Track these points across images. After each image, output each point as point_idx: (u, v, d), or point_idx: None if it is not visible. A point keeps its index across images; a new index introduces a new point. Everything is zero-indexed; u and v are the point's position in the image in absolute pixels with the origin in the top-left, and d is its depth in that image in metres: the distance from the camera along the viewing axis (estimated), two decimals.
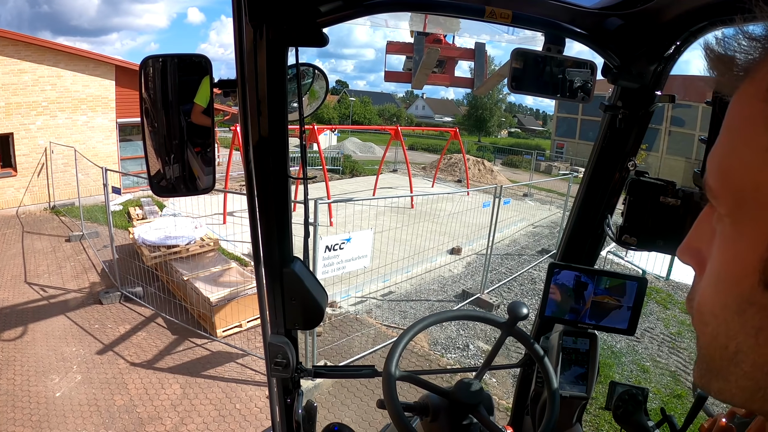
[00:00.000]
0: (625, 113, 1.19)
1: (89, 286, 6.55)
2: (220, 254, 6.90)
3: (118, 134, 11.70)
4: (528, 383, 1.56)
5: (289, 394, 1.30)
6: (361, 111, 45.97)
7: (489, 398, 1.25)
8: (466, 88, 11.91)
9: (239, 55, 0.89)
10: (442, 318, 1.33)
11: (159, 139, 0.95)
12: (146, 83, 0.93)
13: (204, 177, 1.00)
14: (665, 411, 1.22)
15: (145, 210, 9.73)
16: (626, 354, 5.54)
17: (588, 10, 1.04)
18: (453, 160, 19.28)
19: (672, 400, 4.70)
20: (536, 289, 7.35)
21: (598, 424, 4.14)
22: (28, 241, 8.48)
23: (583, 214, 1.40)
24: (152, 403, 4.14)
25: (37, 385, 4.31)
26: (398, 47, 9.71)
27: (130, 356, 4.86)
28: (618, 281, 1.33)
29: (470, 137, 39.15)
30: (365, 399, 4.29)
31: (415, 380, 1.21)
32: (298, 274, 1.13)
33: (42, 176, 10.62)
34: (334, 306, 6.14)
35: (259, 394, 4.35)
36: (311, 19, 0.89)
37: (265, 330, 1.24)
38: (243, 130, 0.98)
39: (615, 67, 1.10)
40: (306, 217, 1.34)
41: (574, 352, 1.38)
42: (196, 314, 5.56)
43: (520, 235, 10.75)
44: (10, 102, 9.75)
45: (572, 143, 26.78)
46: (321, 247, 4.44)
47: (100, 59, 11.00)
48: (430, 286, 7.36)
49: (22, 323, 5.40)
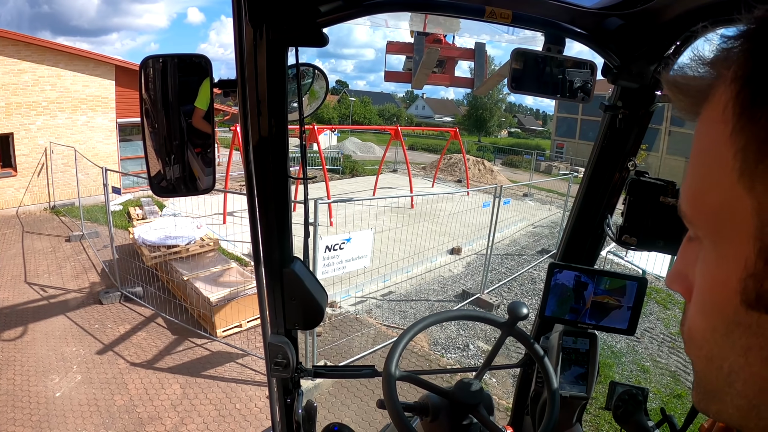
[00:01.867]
0: (625, 113, 1.19)
1: (89, 286, 6.55)
2: (220, 254, 6.90)
3: (118, 134, 11.71)
4: (528, 383, 1.56)
5: (289, 394, 1.30)
6: (361, 111, 45.97)
7: (489, 398, 1.25)
8: (466, 88, 11.91)
9: (239, 55, 0.89)
10: (442, 318, 1.33)
11: (159, 139, 0.95)
12: (146, 83, 0.93)
13: (204, 177, 1.00)
14: (665, 411, 1.22)
15: (145, 210, 9.72)
16: (626, 354, 5.54)
17: (588, 10, 1.04)
18: (453, 160, 19.29)
19: (672, 400, 4.70)
20: (536, 289, 7.35)
21: (598, 424, 4.14)
22: (28, 241, 8.48)
23: (583, 214, 1.40)
24: (152, 403, 4.14)
25: (37, 385, 4.31)
26: (398, 47, 9.70)
27: (130, 356, 4.86)
28: (618, 281, 1.33)
29: (470, 137, 39.17)
30: (365, 399, 4.29)
31: (415, 380, 1.21)
32: (298, 274, 1.13)
33: (42, 176, 10.63)
34: (334, 306, 6.14)
35: (259, 394, 4.35)
36: (311, 19, 0.89)
37: (265, 330, 1.24)
38: (243, 130, 0.98)
39: (615, 67, 1.10)
40: (306, 217, 1.34)
41: (574, 352, 1.38)
42: (196, 314, 5.56)
43: (520, 235, 10.75)
44: (10, 102, 9.75)
45: (572, 143, 26.80)
46: (321, 247, 4.44)
47: (100, 59, 11.01)
48: (430, 286, 7.36)
49: (22, 323, 5.40)
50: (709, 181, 0.32)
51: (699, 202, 0.34)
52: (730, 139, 0.29)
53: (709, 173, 0.32)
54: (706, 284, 0.34)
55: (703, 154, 0.33)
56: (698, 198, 0.34)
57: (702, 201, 0.33)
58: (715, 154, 0.31)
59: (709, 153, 0.32)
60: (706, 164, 0.33)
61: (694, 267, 0.36)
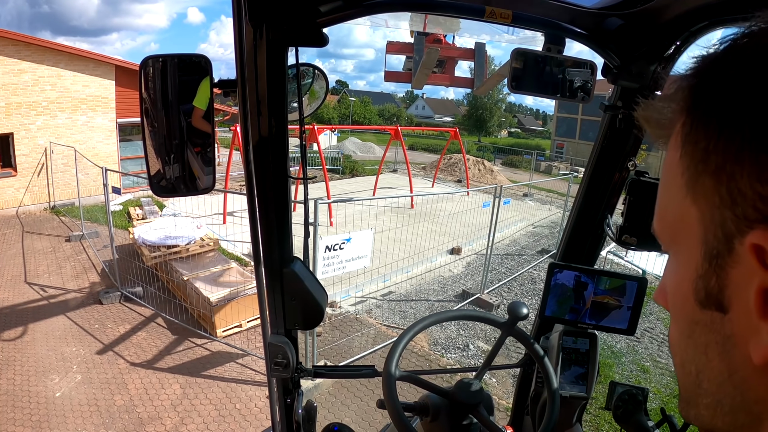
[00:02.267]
0: (625, 113, 1.19)
1: (89, 286, 6.55)
2: (220, 254, 6.90)
3: (118, 134, 11.71)
4: (528, 383, 1.56)
5: (289, 394, 1.30)
6: (361, 111, 45.97)
7: (489, 398, 1.25)
8: (466, 88, 11.91)
9: (239, 55, 0.89)
10: (442, 318, 1.33)
11: (159, 139, 0.96)
12: (146, 83, 0.93)
13: (204, 177, 1.00)
14: (665, 411, 1.22)
15: (145, 210, 9.72)
16: (626, 354, 5.54)
17: (588, 10, 1.04)
18: (453, 160, 19.28)
19: (672, 400, 4.70)
20: (536, 289, 7.35)
21: (598, 424, 4.14)
22: (28, 241, 8.48)
23: (583, 214, 1.40)
24: (152, 403, 4.14)
25: (37, 385, 4.31)
26: (398, 47, 9.70)
27: (130, 356, 4.86)
28: (618, 281, 1.33)
29: (470, 137, 39.16)
30: (365, 399, 4.29)
31: (415, 380, 1.21)
32: (298, 274, 1.13)
33: (42, 176, 10.63)
34: (334, 306, 6.14)
35: (259, 394, 4.35)
36: (311, 19, 0.89)
37: (265, 330, 1.24)
38: (243, 130, 0.98)
39: (615, 67, 1.10)
40: (306, 217, 1.34)
41: (574, 352, 1.38)
42: (196, 314, 5.56)
43: (520, 235, 10.75)
44: (10, 102, 9.75)
45: (572, 143, 26.79)
46: (321, 247, 4.44)
47: (100, 59, 11.01)
48: (430, 286, 7.36)
49: (22, 323, 5.40)
50: (668, 199, 0.38)
51: (662, 218, 0.39)
52: (680, 161, 0.35)
53: (667, 192, 0.38)
54: (671, 291, 0.39)
55: (665, 176, 0.38)
56: (661, 215, 0.39)
57: (664, 217, 0.39)
58: (671, 175, 0.36)
59: (667, 175, 0.37)
60: (665, 185, 0.38)
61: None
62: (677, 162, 0.35)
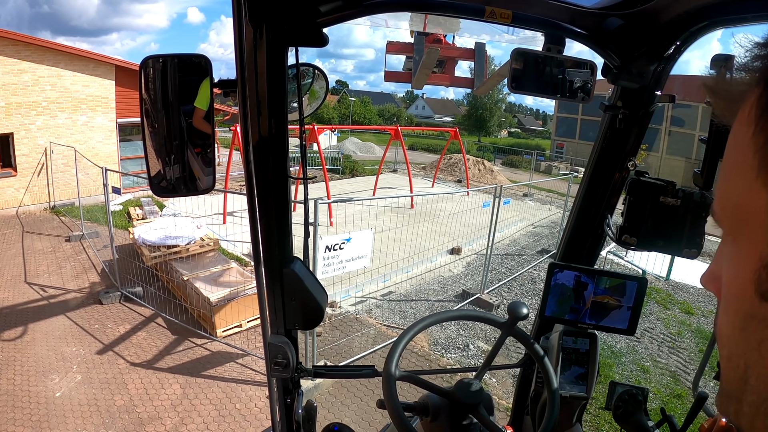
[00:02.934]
0: (625, 113, 1.19)
1: (89, 286, 6.55)
2: (220, 254, 6.90)
3: (118, 134, 11.70)
4: (528, 383, 1.56)
5: (289, 394, 1.30)
6: (361, 111, 45.95)
7: (489, 398, 1.25)
8: (466, 88, 11.91)
9: (239, 55, 0.89)
10: (442, 318, 1.33)
11: (159, 139, 0.95)
12: (146, 83, 0.93)
13: (204, 177, 1.00)
14: (665, 411, 1.22)
15: (145, 210, 9.72)
16: (626, 354, 5.54)
17: (588, 10, 1.04)
18: (453, 160, 19.28)
19: (672, 400, 4.70)
20: (536, 289, 7.35)
21: (598, 424, 4.14)
22: (28, 241, 8.47)
23: (583, 214, 1.40)
24: (152, 403, 4.14)
25: (37, 385, 4.31)
26: (398, 47, 9.70)
27: (130, 356, 4.86)
28: (618, 281, 1.33)
29: (470, 137, 39.14)
30: (365, 399, 4.29)
31: (415, 380, 1.21)
32: (298, 274, 1.13)
33: (42, 176, 10.62)
34: (334, 306, 6.14)
35: (259, 394, 4.35)
36: (311, 19, 0.89)
37: (265, 330, 1.24)
38: (243, 130, 0.98)
39: (615, 67, 1.10)
40: (306, 217, 1.34)
41: (574, 352, 1.38)
42: (196, 314, 5.56)
43: (520, 235, 10.75)
44: (10, 102, 9.75)
45: (572, 143, 26.77)
46: (321, 247, 4.44)
47: (100, 59, 11.00)
48: (430, 286, 7.36)
49: (22, 323, 5.40)
50: (733, 180, 0.34)
51: (724, 200, 0.35)
52: (752, 140, 0.31)
53: (733, 173, 0.34)
54: (727, 279, 0.36)
55: (730, 155, 0.34)
56: (723, 196, 0.35)
57: (726, 199, 0.35)
58: (739, 154, 0.32)
59: (734, 153, 0.33)
60: (731, 164, 0.34)
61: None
62: (749, 140, 0.31)
